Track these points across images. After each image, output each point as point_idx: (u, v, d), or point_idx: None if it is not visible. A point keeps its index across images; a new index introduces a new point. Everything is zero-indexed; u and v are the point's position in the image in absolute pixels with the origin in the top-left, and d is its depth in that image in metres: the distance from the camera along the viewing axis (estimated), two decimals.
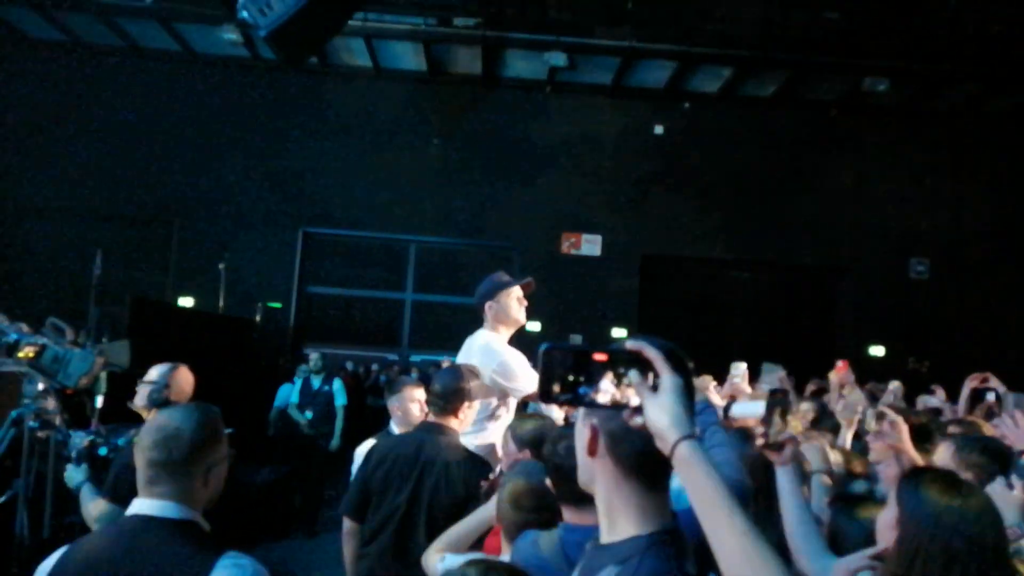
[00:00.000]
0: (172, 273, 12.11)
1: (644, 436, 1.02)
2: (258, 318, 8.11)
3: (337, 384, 7.65)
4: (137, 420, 3.10)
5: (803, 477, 2.14)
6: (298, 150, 12.57)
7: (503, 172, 12.81)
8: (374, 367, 11.75)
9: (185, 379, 3.06)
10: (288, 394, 7.74)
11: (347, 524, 2.68)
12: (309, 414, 7.41)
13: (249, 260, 11.78)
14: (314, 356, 7.78)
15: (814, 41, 10.80)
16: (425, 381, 9.30)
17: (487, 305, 3.34)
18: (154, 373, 3.00)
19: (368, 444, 3.39)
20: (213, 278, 8.97)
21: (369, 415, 9.04)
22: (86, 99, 11.69)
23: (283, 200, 12.55)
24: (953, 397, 4.26)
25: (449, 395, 2.61)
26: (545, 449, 1.68)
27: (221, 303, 8.57)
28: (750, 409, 2.54)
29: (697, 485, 0.96)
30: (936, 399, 4.24)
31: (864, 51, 10.85)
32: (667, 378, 1.01)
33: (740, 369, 3.24)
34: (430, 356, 12.58)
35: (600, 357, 1.01)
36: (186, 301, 11.46)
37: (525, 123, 12.91)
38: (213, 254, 9.06)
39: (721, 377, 3.54)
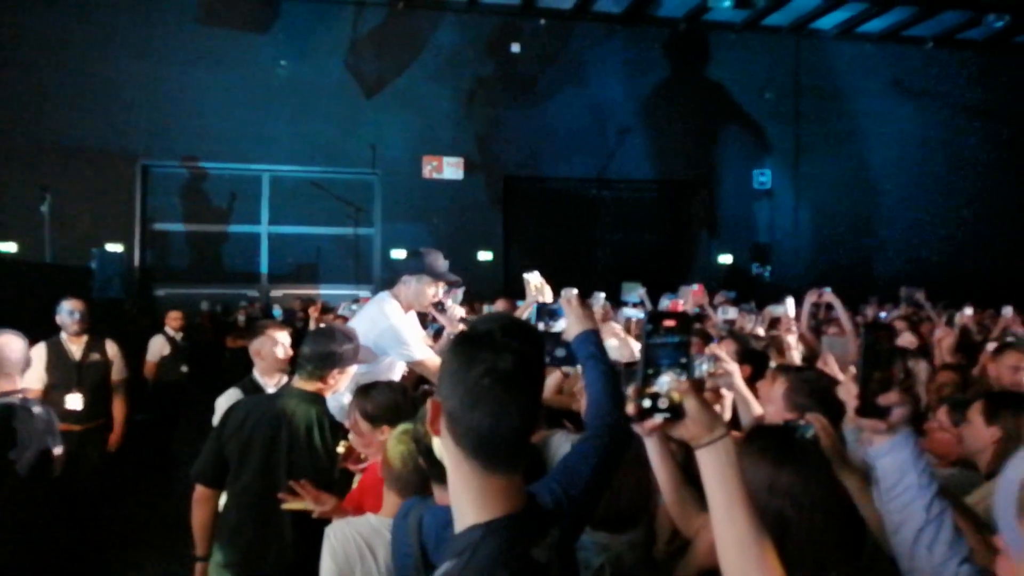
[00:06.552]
0: None
1: (485, 414, 0.96)
2: (94, 264, 7.30)
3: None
4: None
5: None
6: (125, 73, 11.36)
7: (358, 94, 12.22)
8: (242, 304, 11.11)
9: (12, 346, 2.74)
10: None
11: (200, 490, 2.49)
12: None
13: (80, 199, 10.70)
14: (66, 307, 4.52)
15: None
16: (289, 319, 8.89)
17: (404, 278, 3.17)
18: None
19: (230, 395, 3.18)
20: (37, 221, 8.01)
21: (230, 359, 8.59)
22: None
23: (113, 131, 11.40)
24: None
25: (318, 359, 2.43)
26: (415, 432, 1.57)
27: (48, 250, 7.70)
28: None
29: (726, 483, 0.99)
30: (783, 307, 4.48)
31: None
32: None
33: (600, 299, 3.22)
34: (292, 291, 12.11)
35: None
36: (8, 247, 10.30)
37: (380, 42, 12.29)
38: (34, 194, 8.06)
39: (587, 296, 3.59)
